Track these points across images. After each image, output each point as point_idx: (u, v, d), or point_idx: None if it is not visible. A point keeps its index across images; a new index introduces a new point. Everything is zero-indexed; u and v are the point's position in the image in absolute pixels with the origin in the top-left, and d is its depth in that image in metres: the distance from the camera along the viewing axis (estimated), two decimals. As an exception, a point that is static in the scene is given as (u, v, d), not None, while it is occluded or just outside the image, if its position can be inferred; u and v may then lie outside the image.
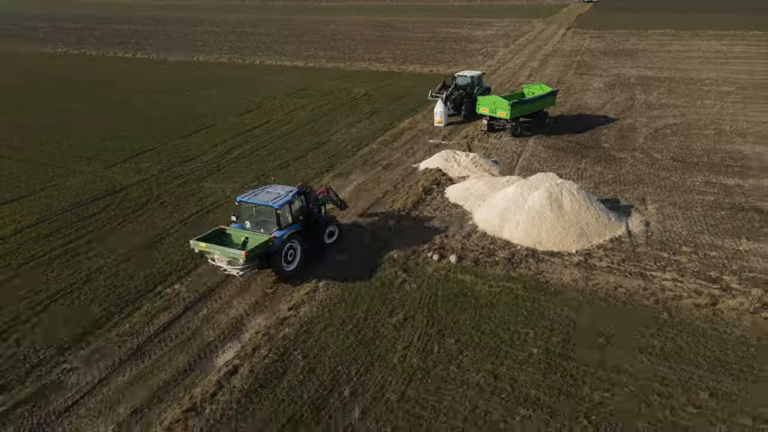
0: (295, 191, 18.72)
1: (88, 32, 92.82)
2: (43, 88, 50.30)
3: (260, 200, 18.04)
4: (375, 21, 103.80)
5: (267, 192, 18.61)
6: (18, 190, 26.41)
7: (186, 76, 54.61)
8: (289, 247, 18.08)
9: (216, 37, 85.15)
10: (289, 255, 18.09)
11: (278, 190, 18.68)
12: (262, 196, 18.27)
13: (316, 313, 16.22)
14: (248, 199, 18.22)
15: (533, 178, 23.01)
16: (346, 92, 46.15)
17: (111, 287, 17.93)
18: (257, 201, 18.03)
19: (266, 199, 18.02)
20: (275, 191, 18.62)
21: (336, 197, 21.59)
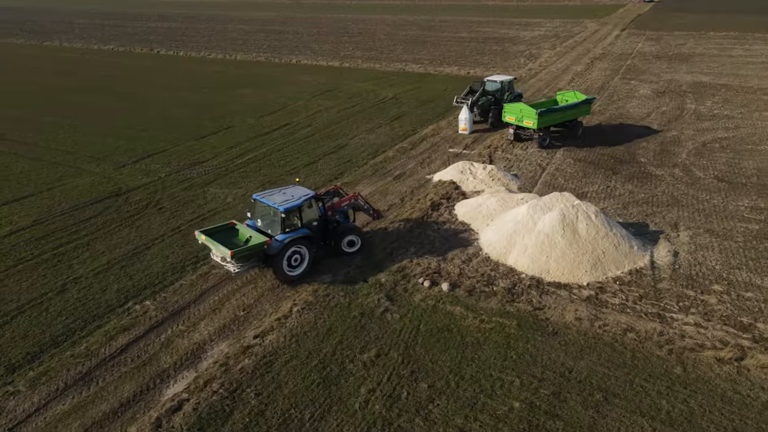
0: (310, 196, 18.04)
1: (122, 29, 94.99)
2: (69, 84, 51.20)
3: (271, 201, 17.59)
4: (421, 20, 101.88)
5: (283, 193, 18.16)
6: (25, 188, 26.30)
7: (221, 75, 54.49)
8: (295, 252, 17.59)
9: (246, 35, 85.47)
10: (293, 260, 17.63)
11: (294, 192, 18.16)
12: (275, 197, 17.80)
13: (283, 343, 14.84)
14: (261, 198, 17.91)
15: (547, 198, 20.89)
16: (374, 94, 44.72)
17: (82, 300, 17.14)
18: (268, 201, 17.61)
19: (276, 201, 17.52)
20: (291, 193, 18.15)
21: (367, 205, 20.74)
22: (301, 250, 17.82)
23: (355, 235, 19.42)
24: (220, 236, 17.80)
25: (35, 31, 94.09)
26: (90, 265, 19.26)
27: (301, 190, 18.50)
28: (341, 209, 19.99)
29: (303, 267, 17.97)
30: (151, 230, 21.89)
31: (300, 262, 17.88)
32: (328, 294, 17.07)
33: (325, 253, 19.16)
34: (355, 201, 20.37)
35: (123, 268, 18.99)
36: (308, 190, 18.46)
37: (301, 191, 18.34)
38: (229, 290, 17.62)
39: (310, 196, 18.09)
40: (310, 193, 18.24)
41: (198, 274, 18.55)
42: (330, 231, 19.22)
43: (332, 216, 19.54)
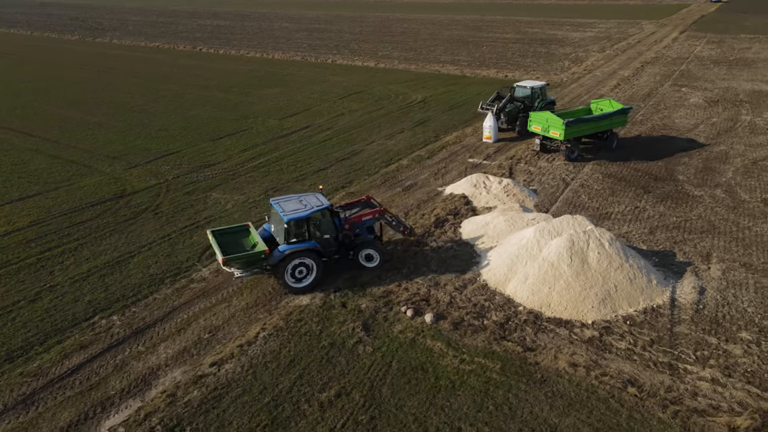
0: (322, 207, 17.08)
1: (173, 27, 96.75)
2: (106, 81, 51.98)
3: (281, 208, 17.06)
4: (468, 20, 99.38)
5: (299, 200, 17.49)
6: (34, 187, 26.31)
7: (253, 74, 54.26)
8: (300, 264, 16.90)
9: (290, 33, 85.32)
10: (298, 272, 16.97)
11: (309, 201, 17.37)
12: (288, 204, 17.24)
13: (239, 375, 13.66)
14: (275, 203, 17.46)
15: (557, 221, 18.89)
16: (403, 97, 43.21)
17: (51, 311, 16.52)
18: (278, 208, 17.09)
19: (287, 209, 16.95)
20: (306, 202, 17.38)
21: (395, 220, 19.23)
22: (307, 263, 16.99)
23: (372, 249, 18.26)
24: (230, 237, 17.79)
25: (92, 28, 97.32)
26: (71, 272, 18.71)
27: (317, 199, 17.57)
28: (363, 222, 18.68)
29: (310, 280, 17.15)
30: (141, 236, 21.24)
31: (306, 274, 17.09)
32: (301, 319, 15.79)
33: (346, 266, 18.34)
34: (381, 216, 18.85)
35: (102, 278, 18.33)
36: (324, 201, 17.47)
37: (316, 201, 17.42)
38: (200, 308, 16.63)
39: (321, 207, 17.06)
40: (323, 205, 17.21)
41: (174, 288, 17.66)
42: (347, 244, 18.22)
43: (349, 229, 18.30)
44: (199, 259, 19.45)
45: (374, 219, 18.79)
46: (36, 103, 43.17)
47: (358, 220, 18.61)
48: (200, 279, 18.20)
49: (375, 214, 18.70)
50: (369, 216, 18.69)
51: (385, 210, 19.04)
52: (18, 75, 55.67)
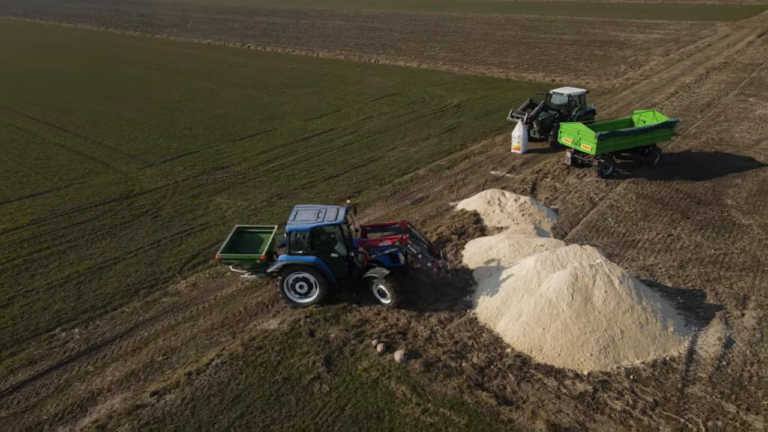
0: (330, 223, 15.72)
1: (229, 24, 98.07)
2: (148, 76, 52.73)
3: (293, 216, 16.26)
4: (526, 19, 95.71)
5: (317, 212, 16.29)
6: (48, 183, 26.45)
7: (292, 73, 53.78)
8: (301, 279, 15.99)
9: (341, 31, 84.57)
10: (298, 286, 16.15)
11: (324, 215, 16.09)
12: (303, 214, 16.29)
13: (177, 408, 12.56)
14: (293, 210, 16.61)
15: (563, 251, 16.77)
16: (438, 101, 41.37)
17: (16, 319, 16.07)
18: (292, 215, 16.32)
19: (299, 218, 16.07)
20: (321, 214, 16.13)
21: (421, 253, 16.02)
22: (309, 279, 15.94)
23: (385, 284, 15.76)
24: (251, 237, 17.63)
25: (155, 25, 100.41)
26: (51, 277, 18.30)
27: (335, 213, 16.15)
28: (381, 248, 16.47)
29: (312, 298, 16.18)
30: (132, 242, 20.68)
31: (308, 291, 16.15)
32: (262, 347, 14.54)
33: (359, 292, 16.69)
34: (402, 245, 16.22)
35: (78, 285, 17.79)
36: (339, 217, 15.94)
37: (332, 215, 16.05)
38: (164, 326, 15.71)
39: (328, 222, 15.74)
40: (333, 221, 15.81)
41: (145, 301, 16.86)
42: (358, 269, 16.27)
43: (364, 252, 16.36)
44: (181, 271, 18.62)
45: (395, 247, 16.32)
46: (78, 98, 44.24)
47: (375, 244, 16.57)
48: (174, 293, 17.33)
49: (396, 242, 16.26)
50: (387, 242, 16.44)
51: (406, 239, 16.14)
52: (70, 69, 57.57)
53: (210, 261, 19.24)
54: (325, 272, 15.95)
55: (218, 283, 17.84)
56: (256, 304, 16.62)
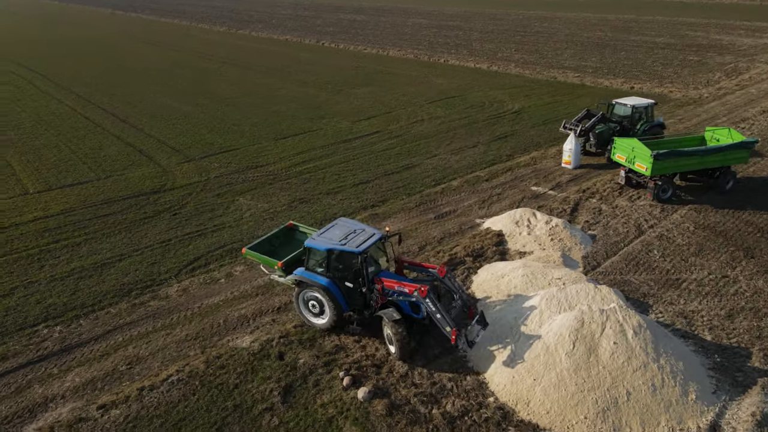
0: (345, 250, 13.90)
1: (312, 21, 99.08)
2: (222, 71, 53.91)
3: (322, 230, 15.04)
4: (620, 20, 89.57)
5: (347, 232, 14.58)
6: (91, 173, 27.31)
7: (357, 71, 53.16)
8: (313, 298, 14.63)
9: (418, 29, 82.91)
10: (311, 305, 14.84)
11: (351, 237, 14.35)
12: (334, 230, 14.87)
13: (116, 427, 11.96)
14: (333, 223, 15.40)
15: (573, 290, 14.63)
16: (498, 106, 39.09)
17: (10, 311, 16.29)
18: (323, 229, 15.15)
19: (325, 234, 14.65)
20: (353, 237, 14.33)
21: (440, 312, 13.24)
22: (319, 298, 14.50)
23: (393, 331, 13.52)
24: (297, 237, 17.12)
25: (242, 20, 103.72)
26: (57, 269, 18.56)
27: (364, 239, 14.14)
28: (395, 293, 13.97)
29: (323, 321, 14.75)
30: (144, 238, 20.68)
31: (320, 312, 14.73)
32: (225, 366, 13.72)
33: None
34: (420, 297, 13.48)
35: (78, 281, 17.89)
36: (363, 244, 13.93)
37: (359, 241, 14.08)
38: (140, 332, 15.32)
39: (346, 249, 13.87)
40: (354, 249, 13.76)
41: (132, 303, 16.60)
42: (370, 306, 14.50)
43: (381, 291, 14.19)
44: (178, 273, 18.27)
45: (412, 297, 13.66)
46: (147, 90, 46.04)
47: (393, 287, 14.04)
48: (163, 297, 16.96)
49: (414, 291, 13.58)
50: (406, 289, 13.80)
51: (426, 291, 13.37)
52: (150, 62, 60.27)
53: (210, 265, 18.80)
54: (335, 299, 14.34)
55: (209, 290, 17.30)
56: (238, 317, 15.88)
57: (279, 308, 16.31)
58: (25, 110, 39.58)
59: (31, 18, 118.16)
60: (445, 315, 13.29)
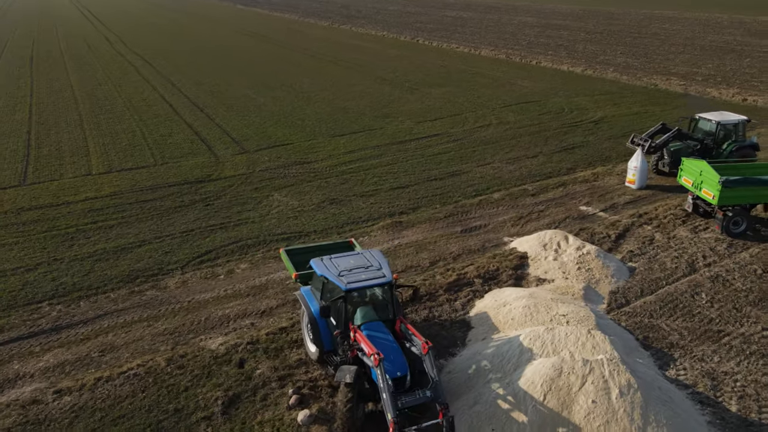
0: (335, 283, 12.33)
1: (415, 17, 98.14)
2: (307, 65, 54.74)
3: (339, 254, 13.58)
4: (755, 22, 79.87)
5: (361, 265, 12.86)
6: (150, 159, 28.66)
7: (441, 69, 51.75)
8: (311, 319, 12.99)
9: (522, 28, 79.22)
10: (308, 327, 13.45)
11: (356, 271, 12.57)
12: (347, 258, 13.23)
13: (61, 414, 12.10)
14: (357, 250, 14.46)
15: (563, 332, 12.75)
16: (577, 113, 36.14)
17: (27, 285, 17.21)
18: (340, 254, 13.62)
19: (335, 260, 13.17)
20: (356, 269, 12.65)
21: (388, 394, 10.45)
22: (310, 319, 13.03)
23: (340, 392, 11.38)
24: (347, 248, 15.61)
25: (348, 15, 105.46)
26: (82, 249, 19.53)
27: (366, 276, 12.39)
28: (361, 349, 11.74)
29: (312, 348, 13.39)
30: (170, 227, 21.24)
31: (312, 336, 13.27)
32: (183, 367, 13.51)
33: None
34: (373, 365, 11.00)
35: (96, 262, 18.70)
36: (361, 282, 12.22)
37: (359, 277, 12.35)
38: (126, 320, 15.61)
39: (336, 282, 12.27)
40: (342, 285, 12.08)
41: (131, 290, 17.01)
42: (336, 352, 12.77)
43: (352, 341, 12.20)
44: (186, 265, 18.52)
45: (370, 360, 11.17)
46: (232, 81, 47.87)
47: (359, 339, 11.91)
48: (162, 287, 17.24)
49: (372, 354, 11.03)
50: (367, 349, 11.43)
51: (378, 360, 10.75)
52: (244, 54, 62.76)
53: (218, 260, 18.88)
54: (318, 332, 12.89)
55: (205, 285, 17.33)
56: (220, 317, 15.71)
57: (263, 312, 15.94)
58: (121, 95, 42.82)
59: (155, 5, 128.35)
60: (391, 399, 10.33)
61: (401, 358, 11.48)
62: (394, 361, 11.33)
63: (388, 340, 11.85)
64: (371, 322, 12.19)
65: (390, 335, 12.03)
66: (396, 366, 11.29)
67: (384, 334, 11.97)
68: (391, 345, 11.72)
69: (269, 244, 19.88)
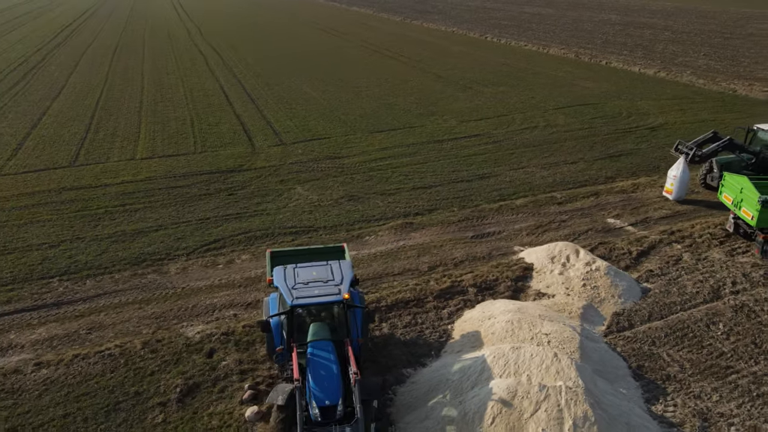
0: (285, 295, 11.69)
1: (491, 14, 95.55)
2: (369, 59, 54.62)
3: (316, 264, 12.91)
4: None
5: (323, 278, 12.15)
6: (191, 147, 29.70)
7: (501, 67, 50.14)
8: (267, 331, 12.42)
9: (601, 26, 75.06)
10: None
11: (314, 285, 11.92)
12: (310, 269, 12.55)
13: (34, 386, 12.75)
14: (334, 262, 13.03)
15: (527, 353, 11.86)
16: (635, 118, 33.88)
17: (47, 260, 18.25)
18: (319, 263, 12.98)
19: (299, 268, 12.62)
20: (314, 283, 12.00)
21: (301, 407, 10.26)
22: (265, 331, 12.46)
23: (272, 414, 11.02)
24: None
25: (423, 11, 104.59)
26: (104, 230, 20.55)
27: (318, 293, 11.65)
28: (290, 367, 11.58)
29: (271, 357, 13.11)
30: (189, 213, 21.89)
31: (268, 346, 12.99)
32: (156, 351, 13.88)
33: None
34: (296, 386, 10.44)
35: (112, 243, 19.62)
36: (309, 298, 11.52)
37: (311, 292, 11.66)
38: (121, 301, 16.26)
39: (283, 294, 11.80)
40: (286, 297, 11.58)
41: (135, 273, 17.69)
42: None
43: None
44: (193, 251, 19.05)
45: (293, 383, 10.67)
46: (291, 73, 48.63)
47: (293, 361, 11.18)
48: (163, 272, 17.81)
49: (295, 381, 10.53)
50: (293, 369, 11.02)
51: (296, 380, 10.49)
52: (311, 48, 63.54)
53: (224, 249, 19.27)
54: (271, 335, 12.51)
55: (203, 273, 17.72)
56: (207, 305, 16.01)
57: (249, 304, 16.09)
58: (184, 84, 44.75)
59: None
60: (302, 423, 9.95)
61: (335, 386, 10.61)
62: (326, 388, 10.58)
63: (330, 363, 10.97)
64: (319, 341, 11.36)
65: (334, 358, 11.07)
66: (326, 394, 10.50)
67: (327, 355, 11.11)
68: (329, 370, 10.86)
69: (276, 237, 20.06)
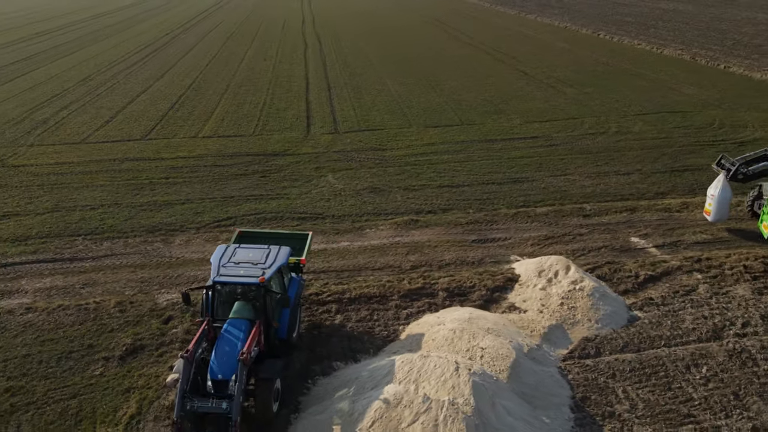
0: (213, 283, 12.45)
1: (614, 9, 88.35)
2: (463, 52, 53.34)
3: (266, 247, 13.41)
4: None
5: (255, 260, 12.73)
6: (251, 129, 31.27)
7: (599, 67, 46.67)
8: None
9: (740, 26, 66.55)
10: None
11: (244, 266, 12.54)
12: (253, 250, 13.16)
13: (15, 327, 14.50)
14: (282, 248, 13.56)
15: (432, 363, 11.28)
16: (730, 131, 30.25)
17: (82, 221, 20.45)
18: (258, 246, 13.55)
19: (243, 248, 13.38)
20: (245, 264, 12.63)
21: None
22: None
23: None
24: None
25: (540, 4, 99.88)
26: (141, 199, 22.47)
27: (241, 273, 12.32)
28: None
29: None
30: (218, 191, 23.22)
31: None
32: (124, 311, 15.14)
33: None
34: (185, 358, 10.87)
35: (142, 211, 21.48)
36: (230, 277, 12.23)
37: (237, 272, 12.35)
38: (122, 263, 17.84)
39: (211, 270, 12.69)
40: (213, 274, 12.46)
41: (145, 240, 19.26)
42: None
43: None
44: (205, 226, 20.30)
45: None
46: (378, 64, 49.09)
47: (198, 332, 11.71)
48: (169, 242, 19.18)
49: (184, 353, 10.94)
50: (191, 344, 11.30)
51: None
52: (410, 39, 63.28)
53: (231, 227, 20.26)
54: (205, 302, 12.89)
55: (202, 247, 18.79)
56: (190, 277, 17.04)
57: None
58: (274, 70, 47.07)
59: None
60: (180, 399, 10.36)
61: (232, 362, 10.96)
62: (223, 363, 11.02)
63: (236, 340, 11.42)
64: (236, 320, 11.89)
65: (243, 336, 11.50)
66: (221, 368, 10.95)
67: (237, 333, 11.58)
68: (234, 346, 11.28)
69: (283, 221, 20.73)
